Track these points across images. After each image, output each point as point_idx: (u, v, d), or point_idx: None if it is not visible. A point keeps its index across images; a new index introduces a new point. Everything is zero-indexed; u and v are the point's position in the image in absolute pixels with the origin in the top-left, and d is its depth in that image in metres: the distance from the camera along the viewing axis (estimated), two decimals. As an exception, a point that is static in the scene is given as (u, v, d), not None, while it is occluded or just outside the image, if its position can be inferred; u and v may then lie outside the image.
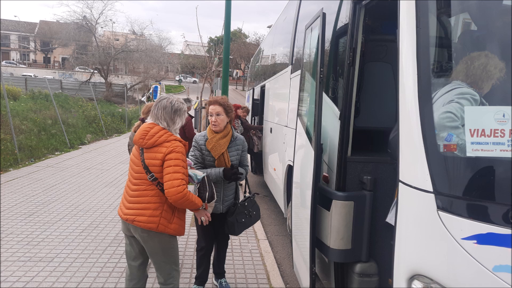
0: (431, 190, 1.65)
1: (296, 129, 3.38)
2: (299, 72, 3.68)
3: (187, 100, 5.14)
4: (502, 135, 1.57)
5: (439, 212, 1.62)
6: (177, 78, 49.36)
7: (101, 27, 35.34)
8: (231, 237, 4.27)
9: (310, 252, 2.69)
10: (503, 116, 1.57)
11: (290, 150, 3.93)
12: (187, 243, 4.35)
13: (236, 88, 48.84)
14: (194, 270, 3.44)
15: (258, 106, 7.99)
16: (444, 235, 1.60)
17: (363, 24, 2.51)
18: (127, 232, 2.43)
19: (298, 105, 3.35)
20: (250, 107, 8.76)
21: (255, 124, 8.30)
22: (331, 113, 2.84)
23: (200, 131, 6.43)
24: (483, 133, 1.59)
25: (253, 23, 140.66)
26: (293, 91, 4.41)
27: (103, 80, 32.45)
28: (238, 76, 54.38)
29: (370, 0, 2.38)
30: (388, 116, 3.24)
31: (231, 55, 29.09)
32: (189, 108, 5.13)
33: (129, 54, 32.53)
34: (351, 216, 2.54)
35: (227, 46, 8.32)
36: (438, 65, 1.81)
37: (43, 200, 5.80)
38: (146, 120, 2.60)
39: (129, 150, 3.42)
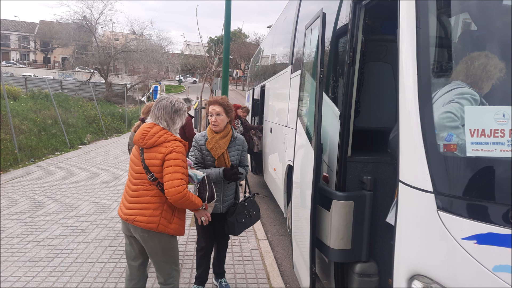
0: (431, 190, 1.65)
1: (296, 129, 3.38)
2: (299, 72, 3.68)
3: (187, 100, 5.14)
4: (502, 135, 1.57)
5: (439, 212, 1.62)
6: (177, 78, 49.35)
7: (101, 27, 35.40)
8: (231, 237, 4.27)
9: (310, 252, 2.69)
10: (503, 116, 1.57)
11: (290, 150, 3.93)
12: (187, 243, 4.35)
13: (236, 88, 48.83)
14: (194, 270, 3.44)
15: (258, 106, 7.99)
16: (444, 235, 1.60)
17: (363, 24, 2.51)
18: (127, 232, 2.43)
19: (298, 105, 3.35)
20: (250, 107, 8.76)
21: (255, 124, 8.30)
22: (331, 113, 2.84)
23: (200, 131, 6.43)
24: (483, 133, 1.59)
25: (253, 23, 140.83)
26: (293, 91, 4.41)
27: (103, 80, 32.45)
28: (238, 76, 54.37)
29: (370, 0, 2.38)
30: (388, 116, 3.24)
31: (231, 55, 29.09)
32: (189, 108, 5.13)
33: (129, 54, 32.53)
34: (351, 216, 2.54)
35: (227, 46, 8.32)
36: (438, 65, 1.81)
37: (43, 200, 5.80)
38: (146, 120, 2.60)
39: (129, 150, 3.42)
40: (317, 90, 2.61)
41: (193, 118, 11.27)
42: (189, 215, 4.94)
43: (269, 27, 22.68)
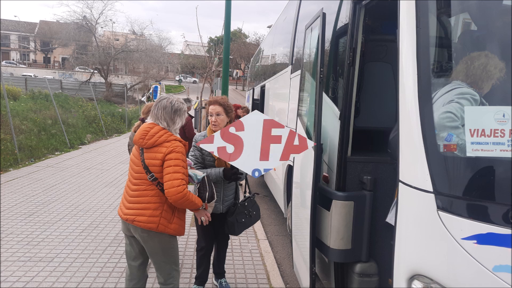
0: (431, 190, 1.65)
1: (296, 129, 3.38)
2: (299, 72, 3.68)
3: (187, 100, 5.14)
4: (502, 135, 1.57)
5: (439, 212, 1.62)
6: (177, 78, 49.35)
7: (101, 27, 35.38)
8: (231, 237, 4.27)
9: (310, 252, 2.69)
10: (503, 116, 1.57)
11: (290, 150, 3.92)
12: (187, 243, 4.35)
13: (236, 88, 48.82)
14: (194, 270, 3.44)
15: (258, 106, 7.99)
16: (444, 235, 1.60)
17: (363, 24, 2.51)
18: (127, 232, 2.43)
19: (298, 105, 3.35)
20: (250, 107, 8.77)
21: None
22: (331, 113, 2.84)
23: (200, 131, 6.42)
24: (483, 133, 1.59)
25: (253, 23, 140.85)
26: (293, 91, 4.41)
27: (103, 80, 32.45)
28: (238, 76, 54.37)
29: (370, 0, 2.38)
30: (388, 116, 3.24)
31: (231, 55, 29.08)
32: (189, 108, 5.13)
33: (129, 54, 32.52)
34: (351, 216, 2.54)
35: (227, 46, 8.32)
36: (438, 65, 1.81)
37: (43, 200, 5.80)
38: (146, 120, 2.60)
39: (129, 150, 3.42)
40: (317, 90, 2.61)
41: (193, 118, 11.27)
42: (189, 215, 4.94)
43: (269, 27, 22.68)
